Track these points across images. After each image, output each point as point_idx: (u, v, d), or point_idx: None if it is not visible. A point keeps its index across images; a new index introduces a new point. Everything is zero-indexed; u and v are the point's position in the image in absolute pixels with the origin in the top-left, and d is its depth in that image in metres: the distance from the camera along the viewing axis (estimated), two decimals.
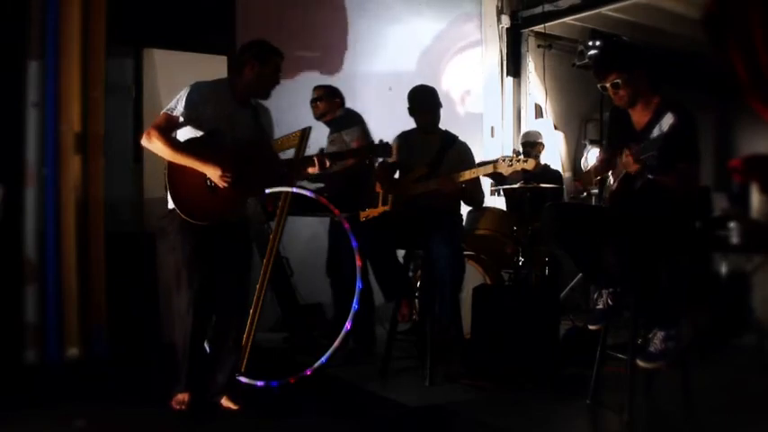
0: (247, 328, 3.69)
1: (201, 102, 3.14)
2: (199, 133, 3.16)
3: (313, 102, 4.68)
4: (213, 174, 3.08)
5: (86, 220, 4.28)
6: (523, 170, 4.86)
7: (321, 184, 4.54)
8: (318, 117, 4.65)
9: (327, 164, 3.42)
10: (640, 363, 3.13)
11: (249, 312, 3.65)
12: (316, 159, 3.41)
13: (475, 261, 4.64)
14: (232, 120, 3.20)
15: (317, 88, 4.75)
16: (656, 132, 3.12)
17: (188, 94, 3.14)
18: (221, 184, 3.08)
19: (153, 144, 3.11)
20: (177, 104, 3.14)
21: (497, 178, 5.32)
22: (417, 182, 4.07)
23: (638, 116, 3.29)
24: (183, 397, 3.22)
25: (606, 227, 3.19)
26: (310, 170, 3.44)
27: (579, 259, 3.34)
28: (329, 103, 4.64)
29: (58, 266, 4.15)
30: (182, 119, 3.12)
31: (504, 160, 3.79)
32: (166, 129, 3.13)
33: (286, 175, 3.57)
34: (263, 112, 3.41)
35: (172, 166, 3.13)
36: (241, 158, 3.16)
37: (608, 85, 3.23)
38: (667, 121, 3.10)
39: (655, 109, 3.23)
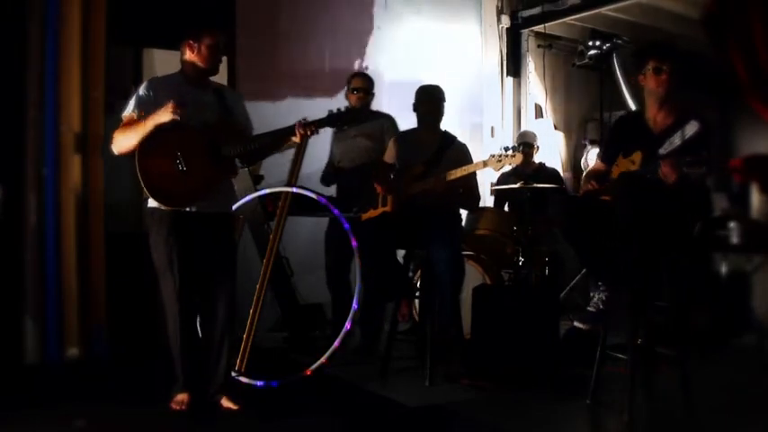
0: (247, 328, 3.68)
1: (154, 94, 3.19)
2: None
3: (357, 91, 4.60)
4: (164, 114, 3.06)
5: (86, 220, 4.28)
6: (519, 169, 4.89)
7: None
8: (361, 107, 4.56)
9: (310, 132, 3.34)
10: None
11: (234, 308, 3.58)
12: (298, 129, 3.31)
13: (475, 261, 4.64)
14: (193, 104, 3.20)
15: (359, 77, 4.70)
16: (677, 137, 3.16)
17: (137, 92, 3.22)
18: (175, 115, 3.05)
19: (116, 144, 3.19)
20: (129, 105, 3.21)
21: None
22: (414, 181, 4.07)
23: (662, 117, 3.31)
24: (182, 397, 3.22)
25: (613, 223, 3.20)
26: (294, 139, 3.36)
27: (583, 253, 3.35)
28: (369, 96, 4.64)
29: (58, 266, 4.15)
30: (135, 114, 3.17)
31: (493, 156, 3.81)
32: (124, 128, 3.20)
33: (262, 150, 3.46)
34: (231, 95, 3.44)
35: (140, 156, 3.14)
36: (208, 138, 3.20)
37: (664, 67, 3.24)
38: (692, 127, 3.16)
39: (678, 114, 3.25)
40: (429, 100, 4.21)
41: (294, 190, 3.98)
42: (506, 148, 3.80)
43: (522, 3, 6.77)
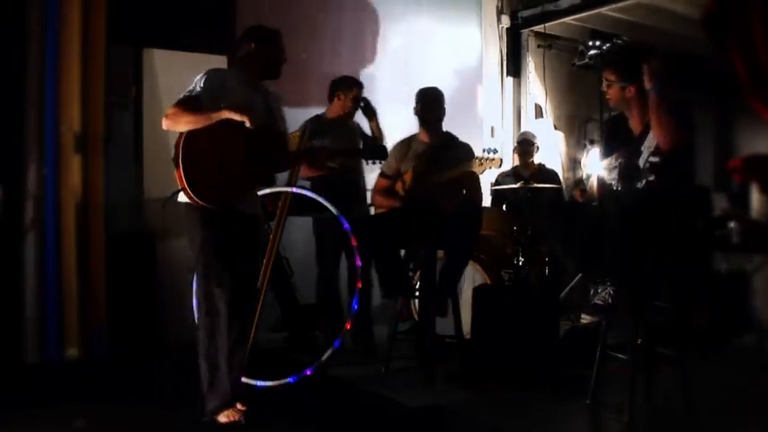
0: None
1: (219, 85, 3.12)
2: None
3: (357, 102, 4.64)
4: (236, 116, 3.00)
5: (86, 220, 4.28)
6: (519, 170, 4.90)
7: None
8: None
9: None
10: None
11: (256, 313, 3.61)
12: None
13: (475, 261, 4.63)
14: (250, 104, 3.16)
15: (357, 86, 4.67)
16: (644, 147, 3.18)
17: (206, 78, 3.10)
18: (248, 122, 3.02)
19: (173, 120, 3.01)
20: (195, 87, 3.09)
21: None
22: (413, 182, 4.08)
23: (635, 123, 3.34)
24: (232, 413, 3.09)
25: (603, 226, 3.20)
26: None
27: (574, 255, 3.37)
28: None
29: (58, 267, 4.16)
30: (201, 98, 3.04)
31: (477, 159, 3.81)
32: (188, 106, 3.04)
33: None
34: (274, 98, 3.40)
35: (185, 146, 3.03)
36: (255, 141, 3.14)
37: (610, 78, 3.32)
38: (651, 138, 3.18)
39: (645, 121, 3.26)
40: (426, 102, 4.21)
41: (294, 190, 3.98)
42: (487, 150, 3.80)
43: (522, 3, 6.78)
